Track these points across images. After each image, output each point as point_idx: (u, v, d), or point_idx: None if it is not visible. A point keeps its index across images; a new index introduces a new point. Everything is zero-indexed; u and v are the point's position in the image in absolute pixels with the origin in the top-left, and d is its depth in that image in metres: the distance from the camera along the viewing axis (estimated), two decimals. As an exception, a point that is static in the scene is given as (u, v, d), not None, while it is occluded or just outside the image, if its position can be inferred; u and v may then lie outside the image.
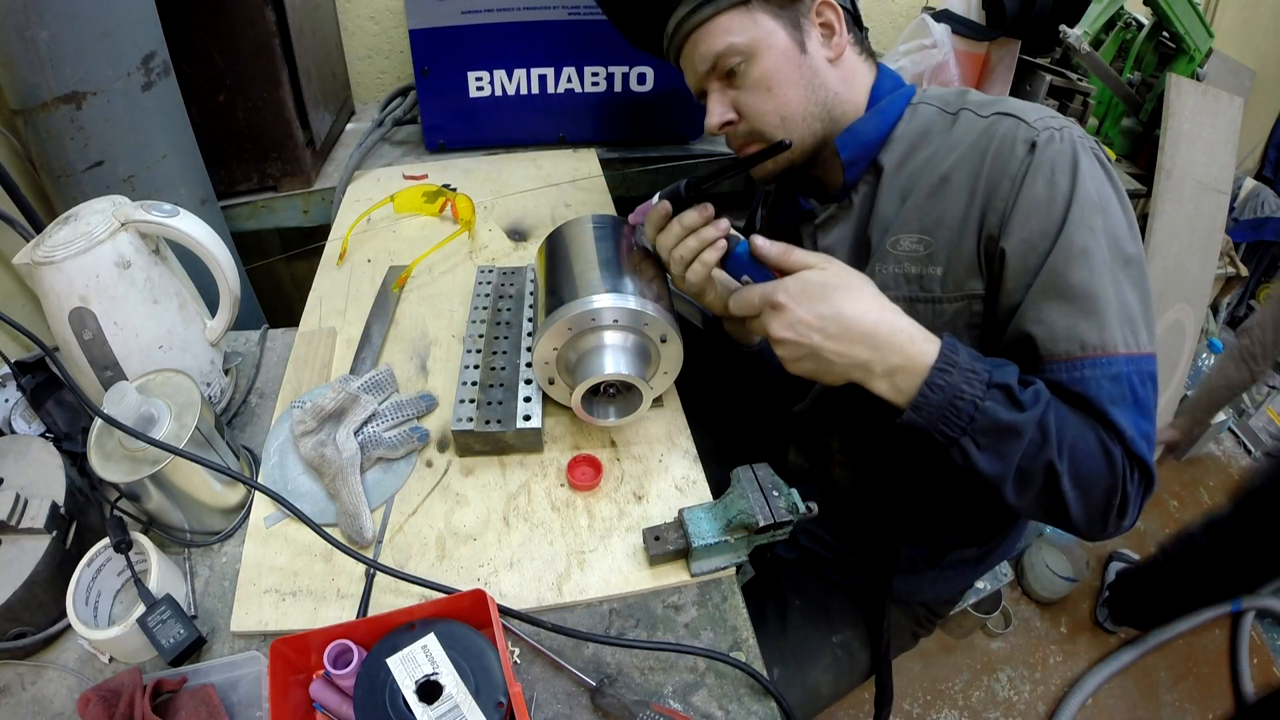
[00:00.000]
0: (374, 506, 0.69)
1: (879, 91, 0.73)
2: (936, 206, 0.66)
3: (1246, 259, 2.08)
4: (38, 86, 0.90)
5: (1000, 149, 0.63)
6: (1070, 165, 0.61)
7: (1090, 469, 0.58)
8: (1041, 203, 0.61)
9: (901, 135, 0.71)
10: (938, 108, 0.70)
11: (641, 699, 0.57)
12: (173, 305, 0.74)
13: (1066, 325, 0.59)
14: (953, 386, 0.57)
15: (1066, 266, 0.59)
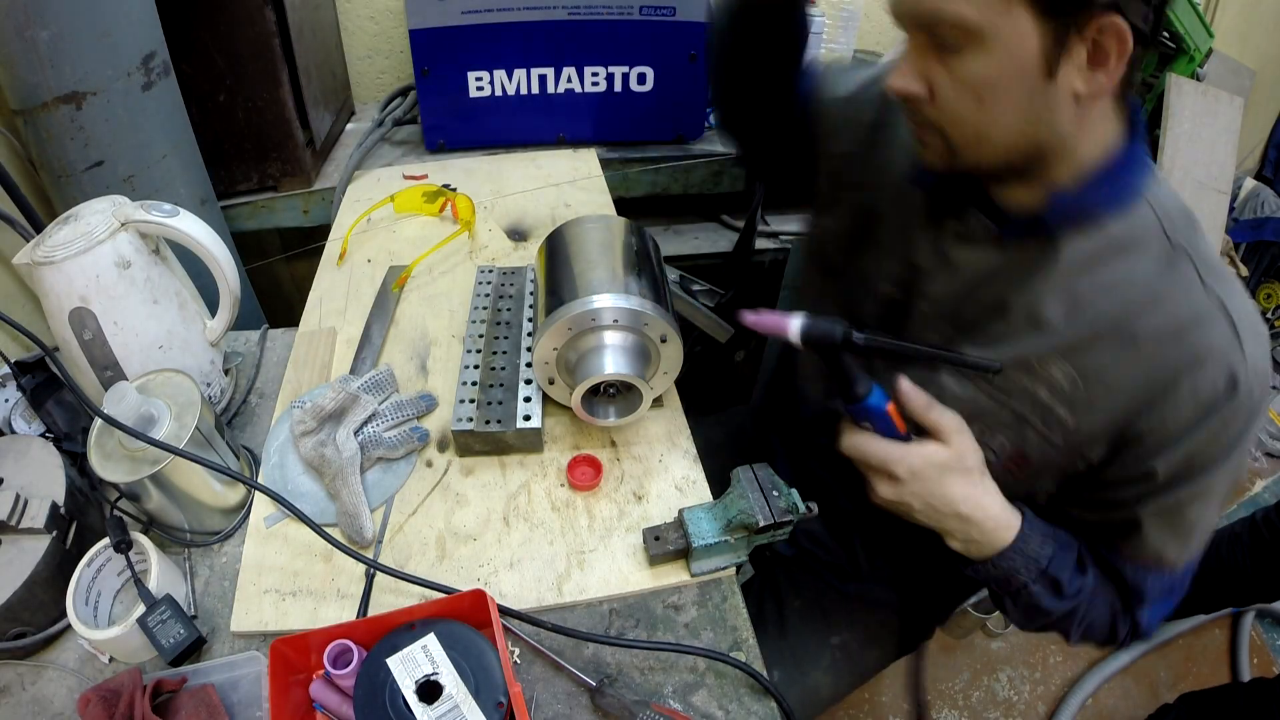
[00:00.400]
0: (374, 506, 0.69)
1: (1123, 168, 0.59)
2: (1111, 361, 0.59)
3: (1246, 259, 2.08)
4: (38, 86, 0.90)
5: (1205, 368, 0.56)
6: (1247, 422, 0.58)
7: (1096, 635, 0.68)
8: (1208, 445, 0.58)
9: (1108, 228, 0.59)
10: (1160, 221, 0.59)
11: (641, 699, 0.57)
12: (173, 305, 0.74)
13: (1158, 542, 0.63)
14: (1012, 569, 0.62)
15: (1190, 504, 0.61)
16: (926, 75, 0.56)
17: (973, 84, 0.54)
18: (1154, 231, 0.59)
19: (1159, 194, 0.60)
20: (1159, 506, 0.62)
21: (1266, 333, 0.60)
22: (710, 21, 0.82)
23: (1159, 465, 0.59)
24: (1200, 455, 0.59)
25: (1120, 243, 0.59)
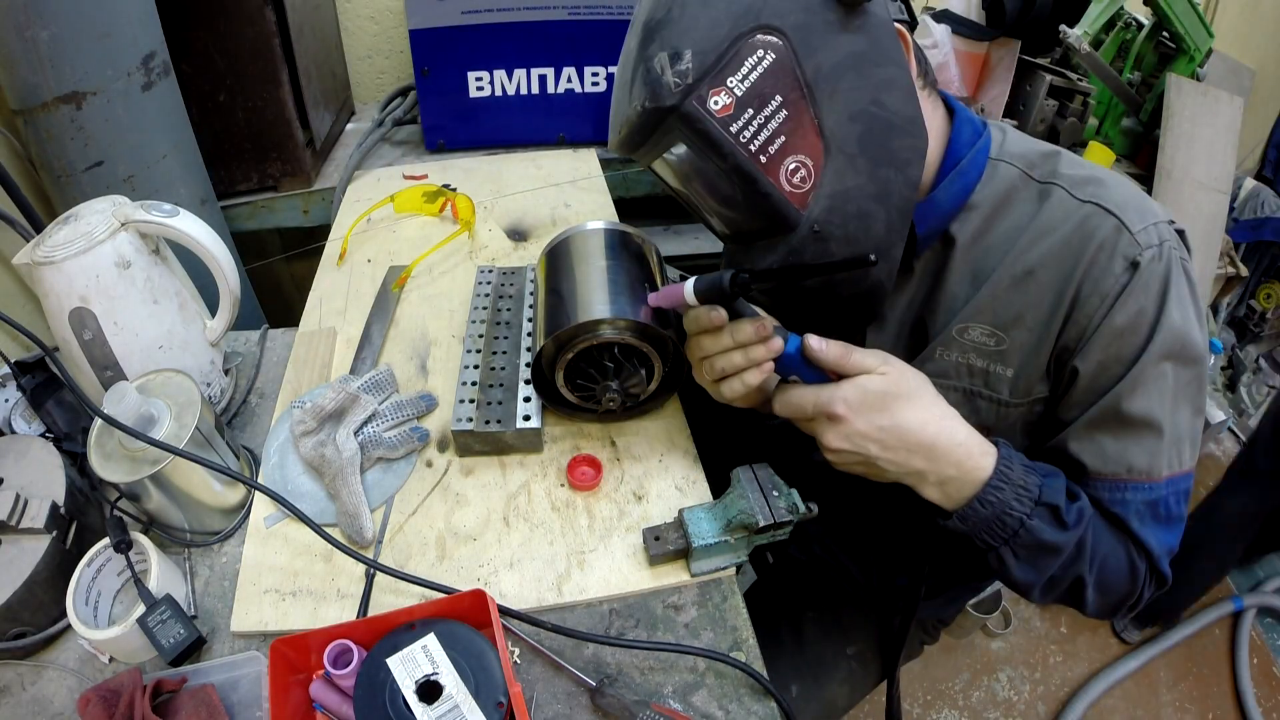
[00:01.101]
0: (374, 506, 0.69)
1: (957, 146, 0.63)
2: (1016, 301, 0.61)
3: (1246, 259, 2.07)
4: (38, 86, 0.90)
5: (1098, 258, 0.57)
6: (1160, 291, 0.57)
7: (1115, 579, 0.61)
8: (1126, 330, 0.57)
9: (979, 201, 0.63)
10: (1021, 170, 0.62)
11: (641, 699, 0.57)
12: (173, 305, 0.74)
13: (1118, 450, 0.59)
14: (1003, 502, 0.56)
15: (1131, 396, 0.58)
16: None
17: None
18: (1015, 179, 0.63)
19: (1010, 148, 0.64)
20: (1101, 409, 0.59)
21: (1161, 209, 0.59)
22: None
23: (1079, 364, 0.59)
24: (1119, 343, 0.58)
25: (993, 206, 0.63)
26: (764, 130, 0.54)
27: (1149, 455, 0.59)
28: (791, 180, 0.55)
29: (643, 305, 0.67)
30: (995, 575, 0.62)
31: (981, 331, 0.63)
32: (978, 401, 0.65)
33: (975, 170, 0.63)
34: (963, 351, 0.64)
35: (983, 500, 0.56)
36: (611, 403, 0.72)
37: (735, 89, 0.53)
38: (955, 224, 0.63)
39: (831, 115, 0.54)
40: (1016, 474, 0.57)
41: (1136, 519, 0.60)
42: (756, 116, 0.53)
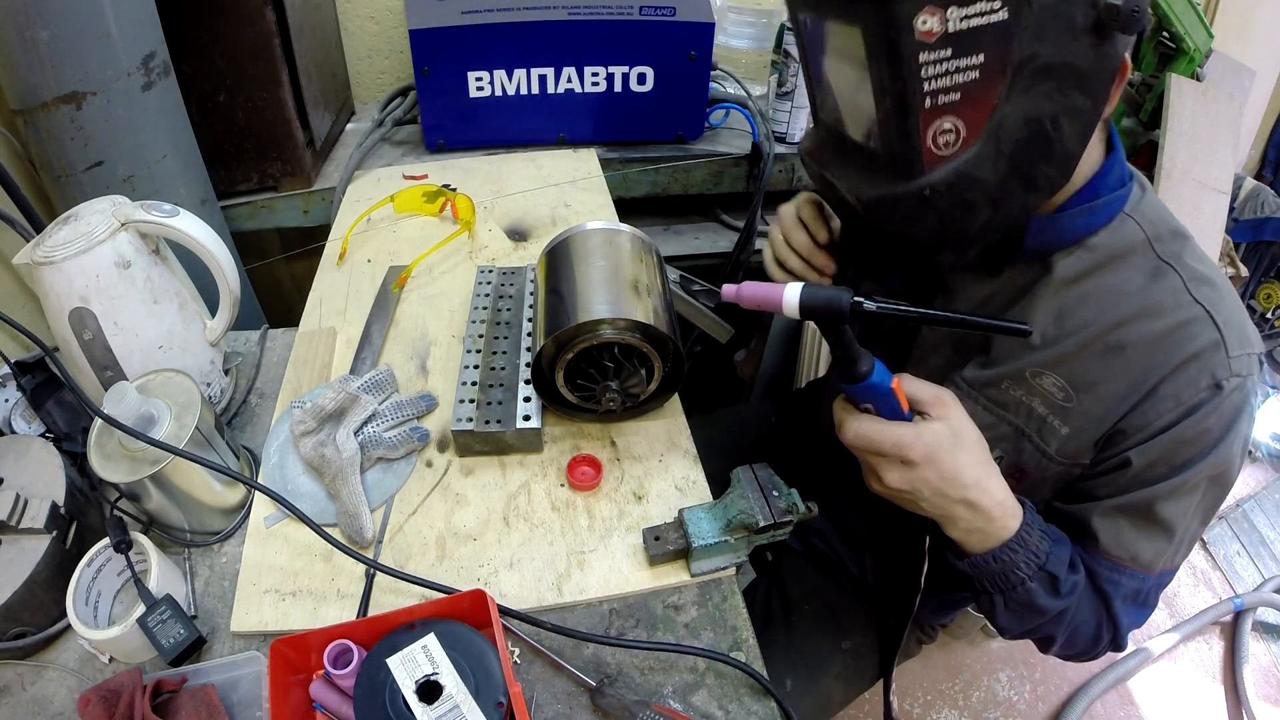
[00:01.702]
0: (374, 506, 0.69)
1: (1099, 184, 0.61)
2: (1098, 369, 0.60)
3: (1246, 259, 2.07)
4: (38, 86, 0.90)
5: (1189, 366, 0.57)
6: (1230, 420, 0.58)
7: (1080, 641, 0.66)
8: (1187, 443, 0.58)
9: (1096, 246, 0.61)
10: (1147, 236, 0.61)
11: (641, 699, 0.57)
12: (173, 305, 0.74)
13: (1132, 539, 0.62)
14: (1012, 562, 0.59)
15: (1165, 501, 0.60)
16: None
17: None
18: (1140, 246, 0.61)
19: (1146, 210, 0.62)
20: (1134, 500, 0.61)
21: (1257, 340, 0.59)
22: None
23: (1135, 456, 0.59)
24: (1177, 452, 0.59)
25: (1106, 258, 0.61)
26: (947, 78, 0.50)
27: (1155, 552, 0.62)
28: (937, 139, 0.53)
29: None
30: (977, 607, 0.67)
31: (1054, 383, 0.62)
32: (1024, 444, 0.65)
33: (1106, 215, 0.61)
34: (1029, 393, 0.64)
35: (996, 556, 0.59)
36: (611, 403, 0.72)
37: (950, 22, 0.48)
38: (1062, 255, 0.62)
39: (1012, 106, 0.51)
40: (1033, 540, 0.59)
41: (1120, 600, 0.63)
42: (950, 62, 0.50)
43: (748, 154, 1.37)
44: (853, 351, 0.53)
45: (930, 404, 0.56)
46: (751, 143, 1.36)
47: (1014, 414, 0.65)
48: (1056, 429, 0.63)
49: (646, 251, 0.79)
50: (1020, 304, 0.64)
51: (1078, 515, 0.64)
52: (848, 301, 0.51)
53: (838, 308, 0.51)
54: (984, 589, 0.62)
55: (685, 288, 0.92)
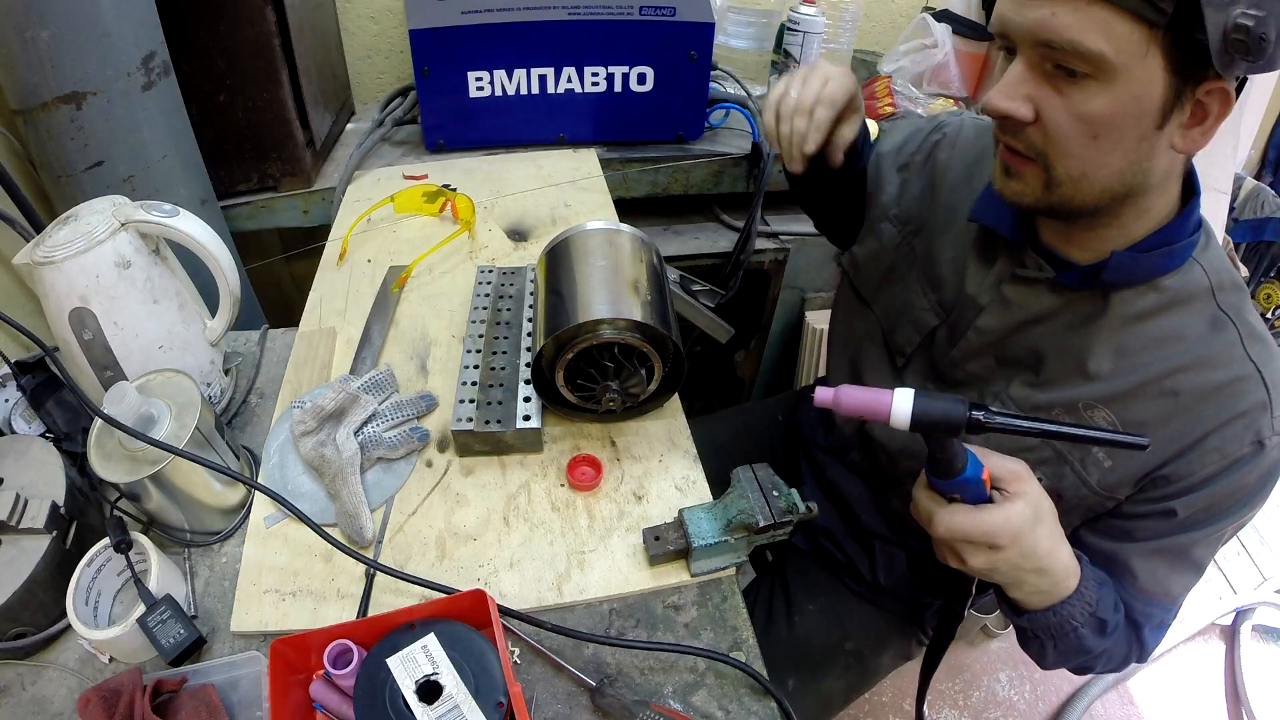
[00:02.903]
0: (374, 506, 0.69)
1: (1177, 228, 0.60)
2: (1149, 411, 0.62)
3: (1246, 259, 2.07)
4: (38, 86, 0.90)
5: (1236, 422, 0.59)
6: (1265, 477, 0.61)
7: (1110, 665, 0.69)
8: (1227, 496, 0.61)
9: (1164, 287, 0.61)
10: (1211, 284, 0.61)
11: (641, 699, 0.57)
12: (173, 305, 0.74)
13: (1167, 576, 0.65)
14: (1070, 615, 0.61)
15: (1201, 545, 0.64)
16: (1035, 99, 0.54)
17: (1091, 118, 0.52)
18: (1203, 293, 0.61)
19: (1211, 258, 0.62)
20: (1173, 544, 0.64)
21: None
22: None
23: (1180, 507, 0.62)
24: (1218, 504, 0.62)
25: (1170, 301, 0.61)
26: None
27: (1184, 586, 0.66)
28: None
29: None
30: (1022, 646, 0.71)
31: (1105, 417, 0.64)
32: (1065, 471, 0.66)
33: (1178, 260, 0.61)
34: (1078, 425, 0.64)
35: (1055, 611, 0.61)
36: (611, 403, 0.72)
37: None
38: (1127, 293, 0.62)
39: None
40: (1089, 593, 0.62)
41: (1149, 627, 0.67)
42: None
43: (748, 154, 1.37)
44: (954, 453, 0.52)
45: (1009, 480, 0.56)
46: (751, 143, 1.36)
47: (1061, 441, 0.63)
48: (1100, 461, 0.64)
49: (646, 251, 0.79)
50: (1079, 332, 0.64)
51: (1118, 555, 0.66)
52: (963, 415, 0.49)
53: (954, 421, 0.49)
54: (1035, 635, 0.65)
55: (685, 288, 0.92)
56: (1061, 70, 0.52)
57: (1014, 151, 0.58)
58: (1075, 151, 0.54)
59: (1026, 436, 0.52)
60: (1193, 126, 0.53)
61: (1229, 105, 0.51)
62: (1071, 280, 0.63)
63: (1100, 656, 0.67)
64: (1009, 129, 0.57)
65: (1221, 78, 0.50)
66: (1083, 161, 0.54)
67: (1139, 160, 0.54)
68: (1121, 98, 0.51)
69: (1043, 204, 0.59)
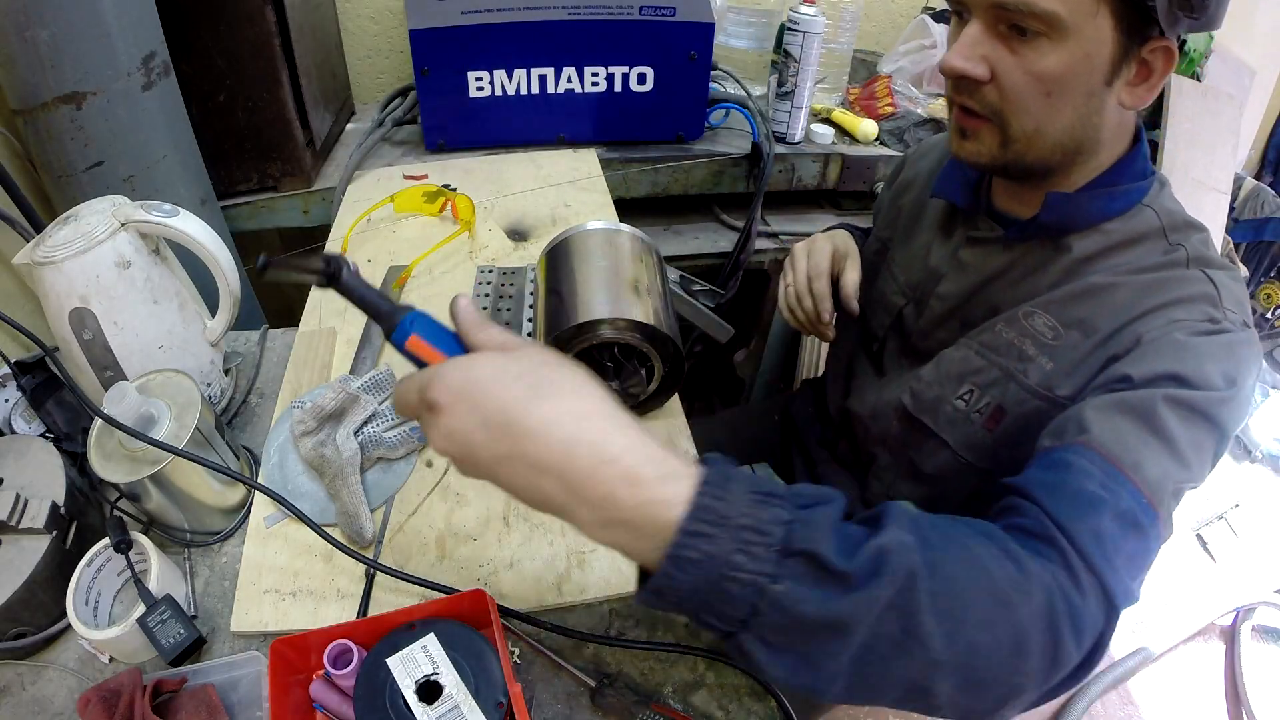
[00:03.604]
0: (374, 506, 0.69)
1: (1124, 171, 0.62)
2: (1089, 308, 0.60)
3: (1246, 259, 2.07)
4: (38, 86, 0.90)
5: (1182, 306, 0.56)
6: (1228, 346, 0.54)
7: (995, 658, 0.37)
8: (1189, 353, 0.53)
9: (1109, 230, 0.62)
10: (1163, 225, 0.62)
11: (641, 699, 0.57)
12: (173, 305, 0.74)
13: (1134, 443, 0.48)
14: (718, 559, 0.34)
15: (1167, 408, 0.49)
16: (990, 60, 0.57)
17: (1044, 75, 0.55)
18: (1154, 233, 0.62)
19: (1164, 202, 0.64)
20: (1134, 398, 0.51)
21: (1250, 317, 0.59)
22: None
23: (1133, 370, 0.53)
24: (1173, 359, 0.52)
25: (1120, 241, 0.62)
26: None
27: (1162, 472, 0.48)
28: None
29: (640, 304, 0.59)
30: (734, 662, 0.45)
31: (1045, 322, 0.63)
32: (1010, 385, 0.64)
33: (1122, 202, 0.62)
34: (1021, 335, 0.64)
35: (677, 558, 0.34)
36: (611, 403, 0.72)
37: None
38: (1076, 240, 0.63)
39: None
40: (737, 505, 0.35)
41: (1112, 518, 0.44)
42: None
43: (748, 154, 1.37)
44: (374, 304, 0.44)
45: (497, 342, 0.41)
46: (751, 143, 1.36)
47: (1004, 357, 0.65)
48: (1041, 365, 0.62)
49: (646, 251, 0.79)
50: (1031, 279, 0.65)
51: (1067, 419, 0.52)
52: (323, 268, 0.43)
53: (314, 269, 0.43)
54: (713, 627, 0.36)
55: (685, 288, 0.92)
56: (1015, 30, 0.54)
57: (969, 112, 0.60)
58: (1030, 108, 0.57)
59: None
60: (1138, 84, 0.57)
61: (1172, 63, 0.55)
62: (1017, 233, 0.66)
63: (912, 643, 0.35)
64: (965, 89, 0.60)
65: (1165, 36, 0.53)
66: (1036, 118, 0.57)
67: (1088, 115, 0.57)
68: (1074, 55, 0.54)
69: (999, 162, 0.61)
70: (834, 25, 1.42)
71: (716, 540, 0.34)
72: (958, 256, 0.72)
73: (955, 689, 0.37)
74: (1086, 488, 0.45)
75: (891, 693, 0.38)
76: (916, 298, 0.78)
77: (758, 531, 0.35)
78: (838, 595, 0.35)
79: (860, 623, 0.35)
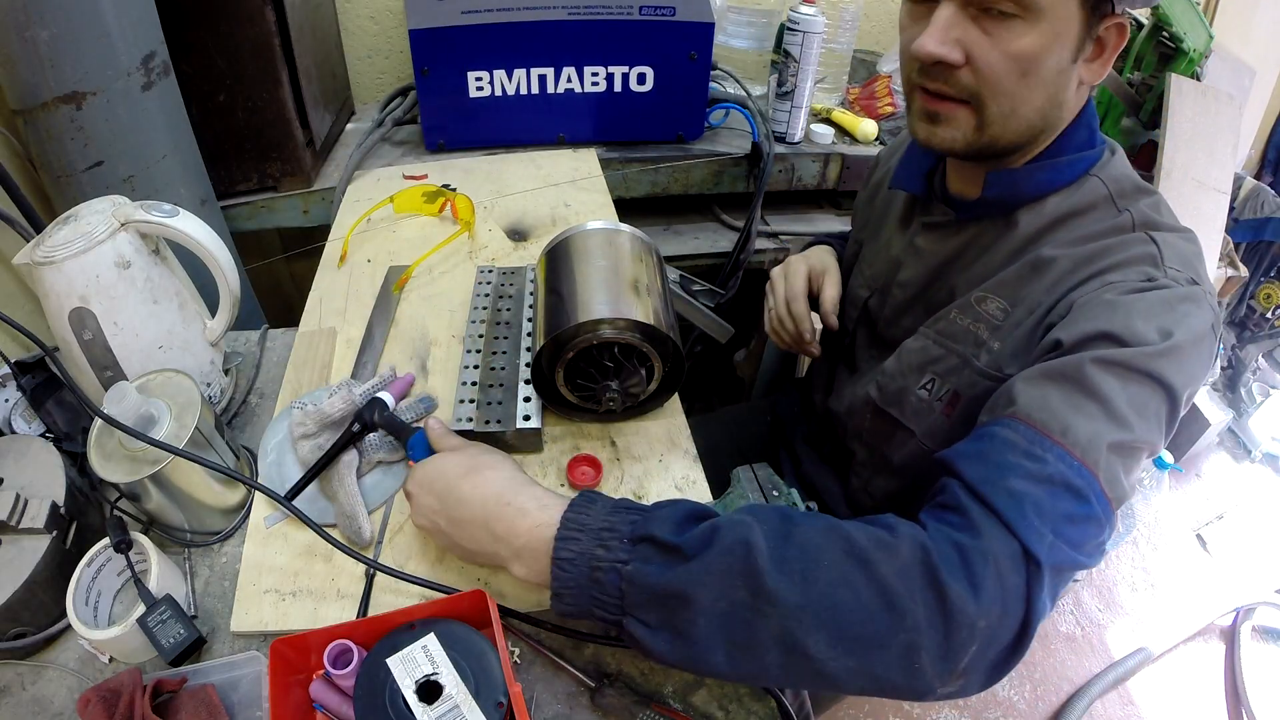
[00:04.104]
0: (374, 507, 0.69)
1: (1066, 142, 0.62)
2: (1029, 284, 0.61)
3: (1246, 259, 2.07)
4: (38, 86, 0.90)
5: (1117, 270, 0.56)
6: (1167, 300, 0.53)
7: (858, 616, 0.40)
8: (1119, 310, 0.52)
9: (1055, 203, 0.63)
10: (1110, 192, 0.61)
11: (641, 699, 0.57)
12: (173, 305, 0.74)
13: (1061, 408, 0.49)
14: (585, 555, 0.45)
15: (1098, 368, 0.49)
16: (964, 43, 0.57)
17: (1020, 56, 0.55)
18: (1102, 201, 0.62)
19: (1112, 171, 0.64)
20: (1061, 365, 0.51)
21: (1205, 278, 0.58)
22: None
23: (1063, 335, 0.54)
24: (1104, 319, 0.52)
25: (1066, 213, 0.63)
26: None
27: (1093, 432, 0.47)
28: None
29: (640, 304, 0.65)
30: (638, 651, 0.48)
31: (997, 305, 0.64)
32: (964, 370, 0.65)
33: (1067, 173, 0.62)
34: (975, 320, 0.65)
35: (559, 560, 0.46)
36: (611, 403, 0.72)
37: None
38: (1026, 215, 0.64)
39: None
40: (595, 517, 0.47)
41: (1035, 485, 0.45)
42: None
43: (748, 154, 1.37)
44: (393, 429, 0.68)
45: (436, 441, 0.63)
46: (751, 143, 1.36)
47: (961, 343, 0.66)
48: (991, 346, 0.63)
49: (646, 251, 0.79)
50: (985, 258, 0.67)
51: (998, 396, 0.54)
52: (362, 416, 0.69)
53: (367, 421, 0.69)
54: (604, 619, 0.46)
55: (685, 288, 0.92)
56: (987, 12, 0.55)
57: (939, 96, 0.60)
58: (1007, 89, 0.57)
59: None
60: (1094, 59, 0.58)
61: (1124, 38, 0.58)
62: (967, 213, 0.68)
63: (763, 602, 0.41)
64: (937, 74, 0.59)
65: (1117, 12, 0.56)
66: (1012, 98, 0.58)
67: (1057, 93, 0.59)
68: (1045, 35, 0.54)
69: (974, 146, 0.61)
70: (834, 25, 1.42)
71: (581, 542, 0.46)
72: (914, 243, 0.74)
73: (829, 644, 0.40)
74: (1007, 457, 0.47)
75: (767, 655, 0.42)
76: (879, 288, 0.80)
77: (611, 530, 0.47)
78: (676, 565, 0.44)
79: (702, 586, 0.42)
